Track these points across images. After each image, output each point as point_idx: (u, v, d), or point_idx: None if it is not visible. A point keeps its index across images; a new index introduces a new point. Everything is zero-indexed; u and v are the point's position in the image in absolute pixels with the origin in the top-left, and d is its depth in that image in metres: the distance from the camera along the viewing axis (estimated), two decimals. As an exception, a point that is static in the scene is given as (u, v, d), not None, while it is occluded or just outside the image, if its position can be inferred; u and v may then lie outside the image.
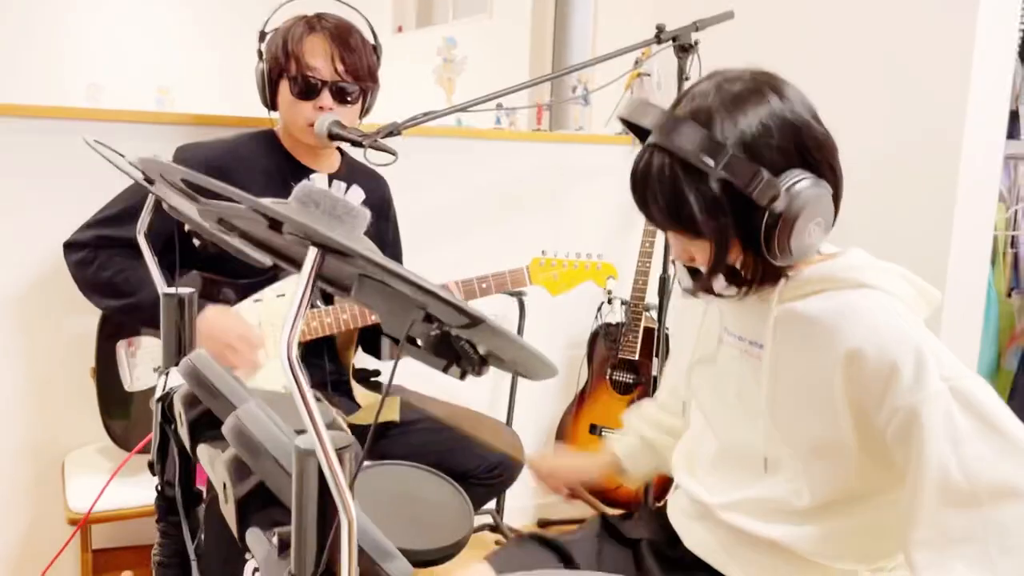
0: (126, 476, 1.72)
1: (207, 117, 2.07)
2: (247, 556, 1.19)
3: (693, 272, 1.17)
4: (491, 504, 2.39)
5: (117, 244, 1.75)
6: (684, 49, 2.04)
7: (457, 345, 0.50)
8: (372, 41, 1.85)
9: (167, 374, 1.11)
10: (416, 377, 2.10)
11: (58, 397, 2.05)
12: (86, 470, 1.94)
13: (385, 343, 2.04)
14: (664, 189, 1.04)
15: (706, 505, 1.22)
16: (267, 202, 0.48)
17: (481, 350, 0.51)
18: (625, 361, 2.54)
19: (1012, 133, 2.40)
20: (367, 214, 0.51)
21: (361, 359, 2.17)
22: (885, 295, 1.08)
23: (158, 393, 1.07)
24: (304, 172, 1.88)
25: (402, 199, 2.09)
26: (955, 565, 0.98)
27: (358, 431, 1.85)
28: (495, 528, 2.49)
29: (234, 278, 1.80)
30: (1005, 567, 0.97)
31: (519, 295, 2.45)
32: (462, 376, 0.53)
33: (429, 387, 2.07)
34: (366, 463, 1.60)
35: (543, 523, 2.75)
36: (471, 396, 2.13)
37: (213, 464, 0.84)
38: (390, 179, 2.05)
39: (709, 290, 1.13)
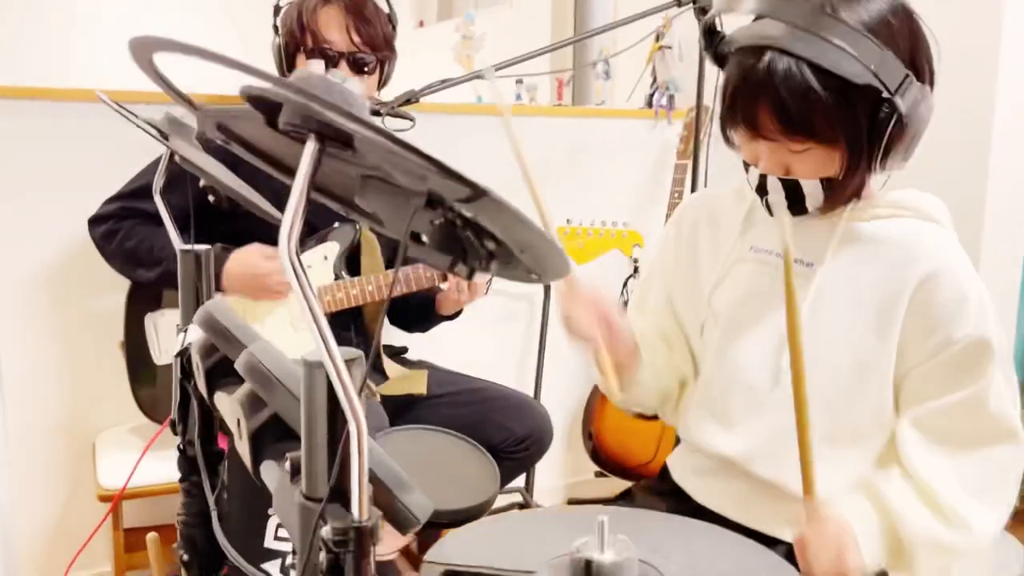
0: (157, 451, 1.72)
1: (226, 97, 2.07)
2: (269, 512, 1.18)
3: (789, 187, 1.09)
4: (520, 482, 2.37)
5: (140, 215, 1.76)
6: (704, 11, 2.00)
7: (462, 235, 0.48)
8: (387, 10, 1.85)
9: (186, 331, 1.10)
10: (444, 354, 2.11)
11: (89, 377, 2.07)
12: (117, 448, 1.95)
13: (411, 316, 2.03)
14: (792, 92, 0.98)
15: (733, 460, 1.18)
16: (260, 82, 0.46)
17: (488, 244, 0.49)
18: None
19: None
20: (365, 103, 0.49)
21: (388, 335, 2.16)
22: (953, 237, 1.12)
23: (176, 349, 1.07)
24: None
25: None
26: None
27: (386, 402, 1.85)
28: (524, 506, 2.47)
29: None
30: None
31: (544, 271, 2.42)
32: (469, 275, 0.51)
33: (457, 363, 2.07)
34: (394, 428, 1.60)
35: (572, 502, 2.73)
36: (499, 372, 2.11)
37: (229, 406, 0.83)
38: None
39: (802, 202, 1.09)
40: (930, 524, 1.05)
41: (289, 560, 1.21)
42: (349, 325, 1.93)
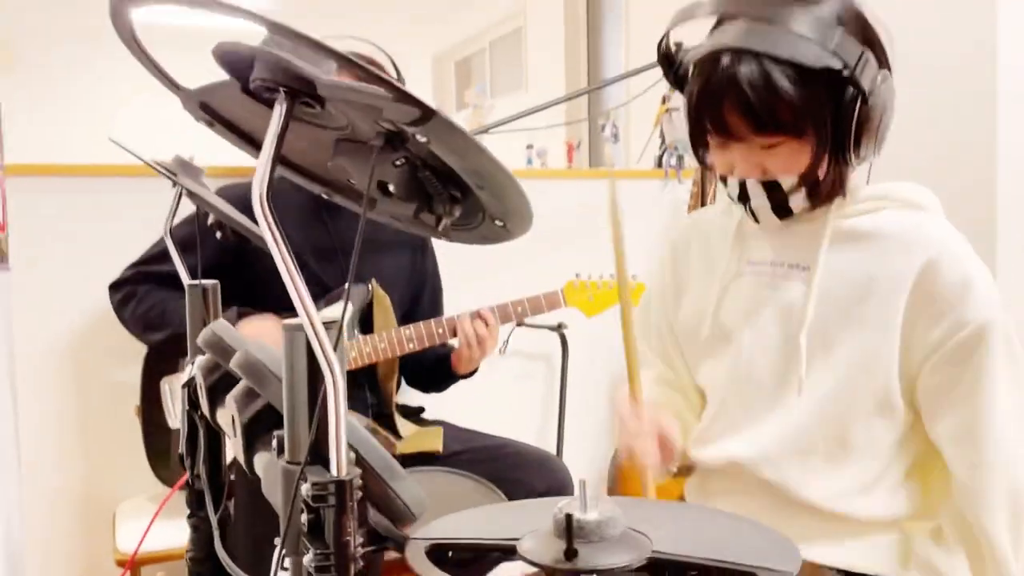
0: (174, 518, 1.72)
1: (240, 169, 2.14)
2: (275, 542, 1.18)
3: (770, 188, 1.10)
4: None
5: (156, 279, 1.81)
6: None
7: (423, 178, 0.50)
8: (395, 75, 1.92)
9: (192, 363, 1.12)
10: (463, 414, 2.11)
11: (109, 448, 2.08)
12: (136, 515, 1.96)
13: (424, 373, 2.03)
14: (755, 88, 1.00)
15: (743, 465, 1.17)
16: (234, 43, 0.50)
17: (449, 189, 0.51)
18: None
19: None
20: (332, 65, 0.53)
21: (404, 395, 2.17)
22: (943, 222, 1.11)
23: (184, 379, 1.09)
24: (336, 203, 1.92)
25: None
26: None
27: (402, 461, 1.83)
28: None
29: (275, 310, 1.83)
30: None
31: (560, 329, 2.43)
32: (437, 223, 0.53)
33: (476, 424, 2.06)
34: (410, 468, 1.59)
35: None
36: (518, 432, 2.10)
37: (226, 412, 0.84)
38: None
39: (783, 206, 1.10)
40: None
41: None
42: (363, 384, 1.94)
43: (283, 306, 1.78)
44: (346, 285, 1.89)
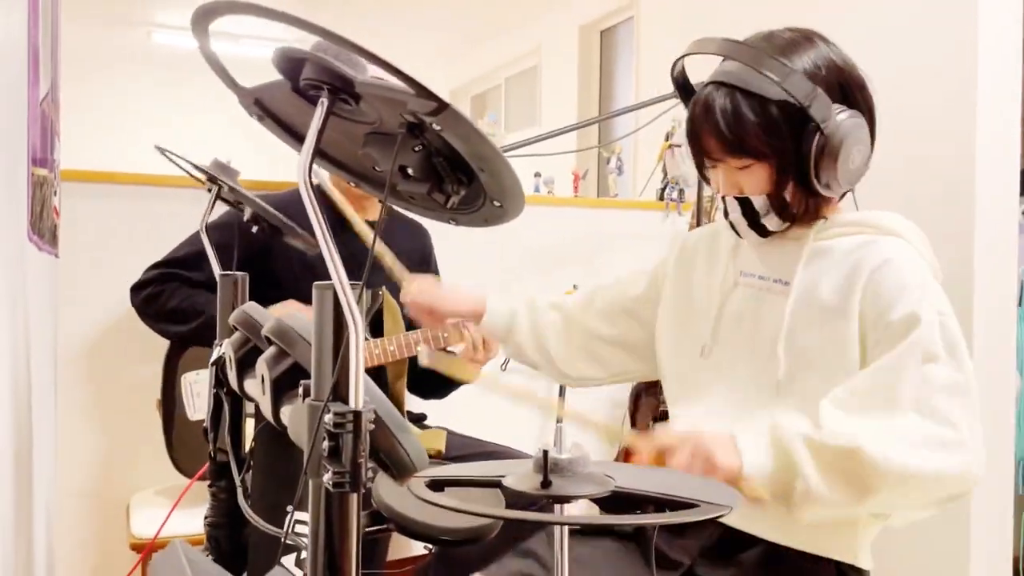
0: (189, 507, 1.83)
1: (266, 183, 2.28)
2: (288, 508, 1.30)
3: (744, 204, 1.24)
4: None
5: (181, 279, 1.92)
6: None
7: (437, 163, 0.63)
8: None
9: (220, 345, 1.24)
10: (463, 425, 2.21)
11: (126, 442, 2.20)
12: (150, 504, 2.06)
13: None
14: (726, 115, 1.17)
15: None
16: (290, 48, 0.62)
17: (457, 173, 0.64)
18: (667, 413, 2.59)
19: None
20: (367, 70, 0.65)
21: (408, 403, 2.28)
22: (911, 247, 1.23)
23: (213, 357, 1.20)
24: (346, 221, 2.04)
25: (447, 257, 2.25)
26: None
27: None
28: None
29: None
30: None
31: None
32: (446, 201, 0.66)
33: (476, 434, 2.17)
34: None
35: None
36: (518, 443, 2.20)
37: (256, 377, 0.96)
38: (436, 240, 2.20)
39: (757, 221, 1.23)
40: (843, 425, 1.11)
41: (303, 555, 1.29)
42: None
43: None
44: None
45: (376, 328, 2.02)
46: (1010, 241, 2.13)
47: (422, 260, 2.16)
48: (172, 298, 1.91)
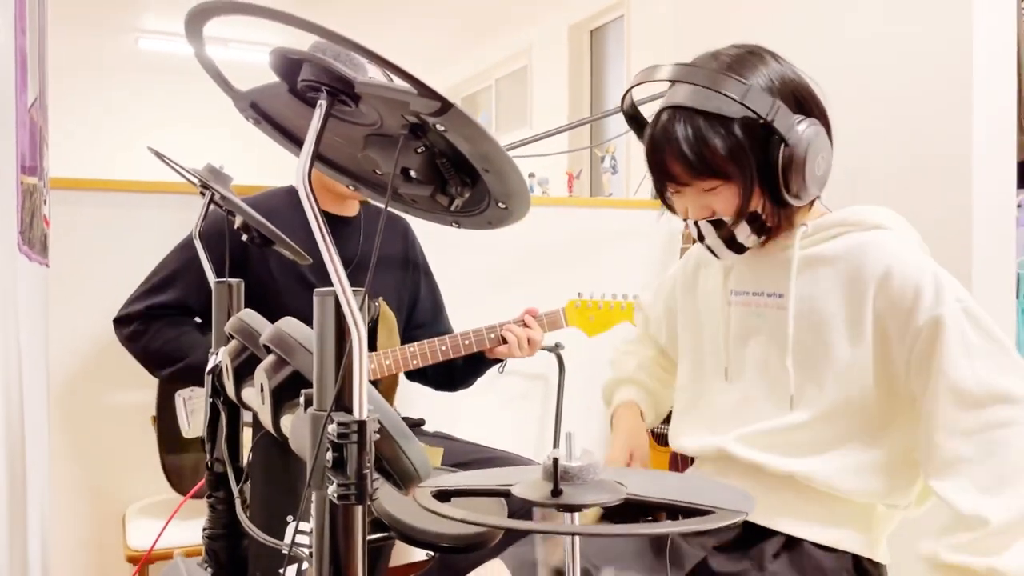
0: (184, 519, 1.81)
1: (252, 188, 2.25)
2: (288, 519, 1.28)
3: (717, 225, 1.23)
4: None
5: (166, 311, 1.86)
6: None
7: (440, 164, 0.61)
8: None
9: (216, 354, 1.22)
10: (461, 430, 2.20)
11: (121, 454, 2.17)
12: (147, 515, 2.04)
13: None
14: (688, 140, 1.14)
15: (724, 449, 1.27)
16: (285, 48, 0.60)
17: (460, 174, 0.62)
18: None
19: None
20: (366, 70, 0.63)
21: (407, 408, 2.26)
22: (898, 235, 1.21)
23: (210, 366, 1.18)
24: (328, 220, 2.00)
25: (442, 257, 2.23)
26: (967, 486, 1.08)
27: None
28: None
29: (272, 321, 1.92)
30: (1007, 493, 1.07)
31: (557, 349, 2.53)
32: (450, 204, 0.64)
33: (474, 439, 2.15)
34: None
35: None
36: (516, 448, 2.19)
37: (254, 386, 0.94)
38: (433, 240, 2.18)
39: (733, 241, 1.22)
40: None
41: (305, 566, 1.27)
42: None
43: (281, 316, 1.88)
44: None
45: (370, 341, 1.99)
46: (1008, 234, 2.12)
47: (406, 259, 2.12)
48: (155, 339, 1.85)
